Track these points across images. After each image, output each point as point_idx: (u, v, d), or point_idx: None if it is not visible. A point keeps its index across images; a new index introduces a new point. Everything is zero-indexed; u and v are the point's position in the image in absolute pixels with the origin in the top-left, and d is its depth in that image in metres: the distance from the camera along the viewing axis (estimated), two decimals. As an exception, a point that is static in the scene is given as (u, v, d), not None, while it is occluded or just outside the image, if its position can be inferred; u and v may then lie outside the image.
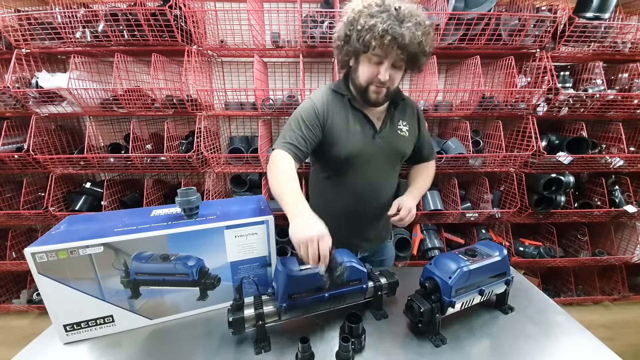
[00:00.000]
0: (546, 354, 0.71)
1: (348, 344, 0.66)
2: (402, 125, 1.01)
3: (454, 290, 0.70)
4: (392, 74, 0.86)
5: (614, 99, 1.75)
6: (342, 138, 0.94)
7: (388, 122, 0.99)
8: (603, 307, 2.25)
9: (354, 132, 0.95)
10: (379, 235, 1.15)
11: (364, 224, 1.07)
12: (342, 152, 0.94)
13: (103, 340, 0.76)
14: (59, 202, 1.83)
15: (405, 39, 0.78)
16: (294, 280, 0.70)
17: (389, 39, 0.78)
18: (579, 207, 2.00)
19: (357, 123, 0.96)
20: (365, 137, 0.96)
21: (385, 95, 0.91)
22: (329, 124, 0.94)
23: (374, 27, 0.78)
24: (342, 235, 1.05)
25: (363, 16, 0.80)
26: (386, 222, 1.13)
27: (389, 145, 0.99)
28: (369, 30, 0.79)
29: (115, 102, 1.66)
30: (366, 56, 0.85)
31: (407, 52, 0.81)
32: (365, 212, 1.05)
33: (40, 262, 0.68)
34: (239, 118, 2.09)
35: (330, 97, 0.97)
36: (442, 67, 2.03)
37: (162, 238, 0.75)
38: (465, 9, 1.58)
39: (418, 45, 0.81)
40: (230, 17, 1.58)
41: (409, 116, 1.05)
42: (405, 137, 1.02)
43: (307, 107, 0.94)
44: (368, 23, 0.79)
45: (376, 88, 0.88)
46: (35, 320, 2.08)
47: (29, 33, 1.57)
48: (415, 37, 0.79)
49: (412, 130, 1.04)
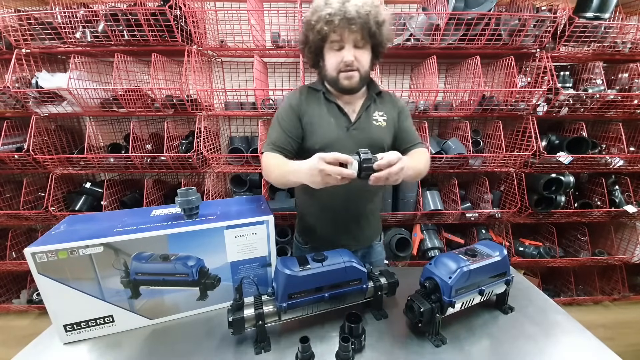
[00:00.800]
0: (546, 354, 0.71)
1: (348, 344, 0.66)
2: (378, 116, 1.01)
3: (454, 290, 0.70)
4: (357, 55, 0.88)
5: (614, 99, 1.75)
6: (316, 129, 0.96)
7: (363, 114, 0.99)
8: (603, 307, 2.25)
9: (328, 123, 0.96)
10: (366, 235, 1.13)
11: (349, 221, 1.06)
12: (317, 143, 0.95)
13: (103, 340, 0.76)
14: (59, 202, 1.83)
15: (352, 13, 0.81)
16: (294, 280, 0.70)
17: (338, 19, 0.82)
18: (579, 207, 2.00)
19: (331, 115, 0.97)
20: (339, 129, 0.97)
21: (359, 79, 0.92)
22: (304, 117, 0.97)
23: (322, 16, 0.84)
24: (329, 234, 1.07)
25: (313, 13, 0.87)
26: (374, 222, 1.14)
27: (364, 136, 0.98)
28: (318, 20, 0.85)
29: (115, 102, 1.66)
30: (328, 47, 0.90)
31: (359, 26, 0.84)
32: (348, 208, 1.04)
33: (40, 262, 0.68)
34: (239, 118, 2.10)
35: (305, 93, 1.01)
36: (442, 67, 2.03)
37: (162, 238, 0.75)
38: (465, 9, 1.58)
39: (367, 16, 0.83)
40: (230, 17, 1.58)
41: (388, 108, 1.04)
42: (382, 126, 1.00)
43: (284, 105, 1.00)
44: (317, 15, 0.85)
45: (346, 74, 0.90)
46: (35, 320, 2.08)
47: (29, 33, 1.57)
48: (363, 9, 0.82)
49: (390, 120, 1.02)
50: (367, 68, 0.93)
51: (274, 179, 0.91)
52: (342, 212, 1.04)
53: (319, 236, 1.09)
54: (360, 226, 1.09)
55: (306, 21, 0.90)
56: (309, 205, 1.09)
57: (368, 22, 0.84)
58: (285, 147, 0.95)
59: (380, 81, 1.74)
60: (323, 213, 1.06)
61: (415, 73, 2.00)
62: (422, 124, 1.79)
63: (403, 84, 2.08)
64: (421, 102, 1.76)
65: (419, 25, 1.62)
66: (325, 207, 1.05)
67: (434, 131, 2.17)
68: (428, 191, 1.95)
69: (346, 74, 0.90)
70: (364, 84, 0.97)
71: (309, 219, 1.10)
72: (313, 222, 1.09)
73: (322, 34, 0.86)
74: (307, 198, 1.08)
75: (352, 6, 0.82)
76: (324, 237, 1.07)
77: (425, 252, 1.96)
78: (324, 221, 1.07)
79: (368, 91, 1.03)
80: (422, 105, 1.76)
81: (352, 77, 0.90)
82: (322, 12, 0.84)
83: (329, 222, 1.06)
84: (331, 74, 0.92)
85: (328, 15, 0.82)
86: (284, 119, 0.97)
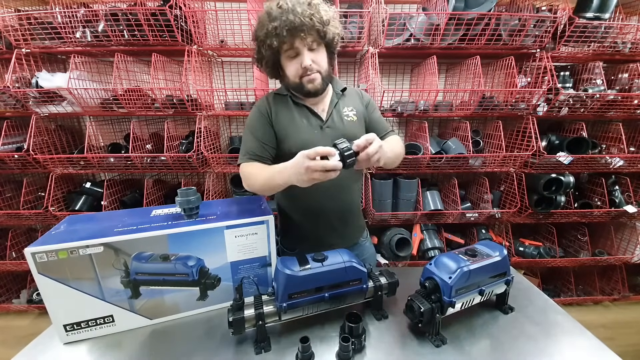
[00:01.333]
0: (546, 354, 0.71)
1: (348, 344, 0.66)
2: (348, 112, 1.02)
3: (454, 290, 0.70)
4: (314, 58, 0.89)
5: (614, 99, 1.75)
6: (290, 132, 0.97)
7: (333, 111, 1.00)
8: (603, 307, 2.25)
9: (300, 125, 0.97)
10: (351, 231, 1.13)
11: (333, 218, 1.06)
12: (292, 146, 0.96)
13: (103, 340, 0.76)
14: (59, 202, 1.83)
15: (296, 22, 0.82)
16: (294, 280, 0.70)
17: (285, 31, 0.83)
18: (579, 207, 2.00)
19: (303, 117, 0.98)
20: (312, 129, 0.98)
21: (322, 80, 0.93)
22: (275, 122, 0.98)
23: (269, 30, 0.85)
24: (314, 234, 1.07)
25: (260, 29, 0.88)
26: (357, 215, 1.15)
27: (338, 133, 0.98)
28: (267, 35, 0.86)
29: (115, 102, 1.66)
30: (284, 57, 0.91)
31: (307, 32, 0.84)
32: (330, 207, 1.04)
33: (40, 262, 0.68)
34: (239, 118, 2.09)
35: (272, 99, 1.01)
36: (442, 67, 2.03)
37: (162, 238, 0.75)
38: (465, 9, 1.58)
39: (311, 20, 0.83)
40: (230, 17, 1.58)
41: (356, 102, 1.06)
42: (354, 121, 1.02)
43: (253, 113, 1.01)
44: (264, 31, 0.86)
45: (308, 77, 0.91)
46: (35, 320, 2.08)
47: (29, 33, 1.57)
48: (304, 15, 0.82)
49: (360, 114, 1.04)
50: (325, 67, 0.94)
51: (260, 186, 0.90)
52: (325, 209, 1.04)
53: (305, 238, 1.08)
54: (345, 221, 1.09)
55: (256, 37, 0.91)
56: (292, 209, 1.08)
57: (314, 25, 0.84)
58: (262, 154, 0.96)
59: (381, 81, 1.73)
60: (307, 213, 1.05)
61: (415, 73, 2.00)
62: (422, 124, 1.79)
63: (403, 84, 2.08)
64: (421, 102, 1.76)
65: (419, 25, 1.62)
66: (308, 207, 1.04)
67: (434, 131, 2.17)
68: (428, 191, 1.96)
69: (308, 77, 0.91)
70: (327, 83, 0.98)
71: (292, 223, 1.10)
72: (297, 225, 1.08)
73: (273, 47, 0.87)
74: (289, 202, 1.08)
75: (294, 15, 0.82)
76: (310, 239, 1.07)
77: (425, 252, 1.96)
78: (308, 222, 1.06)
79: (333, 89, 1.04)
80: (422, 105, 1.76)
81: (315, 80, 0.91)
82: (269, 27, 0.84)
83: (313, 222, 1.05)
84: (294, 81, 0.93)
85: (274, 29, 0.83)
86: (256, 128, 0.98)
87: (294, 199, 1.06)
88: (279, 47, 0.87)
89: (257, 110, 1.00)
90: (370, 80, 1.67)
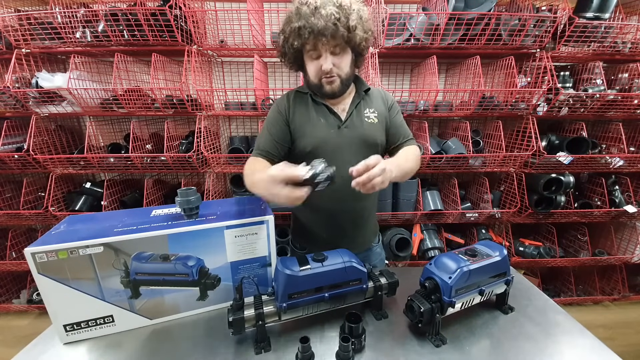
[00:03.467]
0: (546, 354, 0.71)
1: (348, 344, 0.66)
2: (369, 113, 1.01)
3: (454, 290, 0.70)
4: (335, 62, 0.89)
5: (614, 99, 1.75)
6: (307, 130, 0.97)
7: (354, 112, 0.99)
8: (603, 307, 2.25)
9: (317, 123, 0.97)
10: (363, 237, 1.12)
11: (344, 221, 1.05)
12: (308, 144, 0.96)
13: (103, 340, 0.76)
14: (59, 202, 1.83)
15: (320, 25, 0.81)
16: (294, 280, 0.70)
17: (307, 32, 0.82)
18: (579, 207, 2.00)
19: (321, 115, 0.98)
20: (329, 128, 0.97)
21: (341, 83, 0.92)
22: (292, 120, 0.98)
23: (293, 29, 0.84)
24: (326, 237, 1.06)
25: (286, 25, 0.87)
26: (370, 221, 1.13)
27: (356, 133, 0.97)
28: (291, 33, 0.86)
29: (115, 102, 1.66)
30: (306, 56, 0.91)
31: (331, 36, 0.83)
32: (343, 208, 1.03)
33: (40, 262, 0.68)
34: (239, 118, 2.10)
35: (292, 97, 1.02)
36: (442, 67, 2.03)
37: (162, 238, 0.75)
38: (465, 9, 1.58)
39: (336, 25, 0.82)
40: (230, 17, 1.58)
41: (378, 104, 1.04)
42: (374, 123, 1.00)
43: (272, 109, 1.02)
44: (289, 28, 0.86)
45: (327, 79, 0.91)
46: (35, 320, 2.08)
47: (29, 33, 1.57)
48: (329, 20, 0.81)
49: (381, 116, 1.02)
50: (347, 71, 0.93)
51: (248, 186, 0.89)
52: (336, 212, 1.03)
53: (316, 240, 1.08)
54: (357, 226, 1.08)
55: (282, 31, 0.90)
56: (303, 209, 1.06)
57: (338, 31, 0.82)
58: (272, 151, 0.97)
59: (381, 81, 1.73)
60: (317, 215, 1.05)
61: (415, 73, 2.00)
62: (422, 124, 1.79)
63: (403, 84, 2.08)
64: (421, 102, 1.76)
65: (419, 25, 1.62)
66: (319, 209, 1.03)
67: (434, 131, 2.17)
68: (428, 191, 1.96)
69: (327, 79, 0.90)
70: (347, 86, 0.97)
71: (303, 223, 1.10)
72: (308, 226, 1.08)
73: (295, 47, 0.87)
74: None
75: (319, 18, 0.80)
76: (321, 241, 1.06)
77: (425, 252, 1.96)
78: (319, 224, 1.06)
79: (356, 89, 1.03)
80: (422, 105, 1.76)
81: (334, 82, 0.91)
82: (293, 25, 0.84)
83: (324, 224, 1.05)
84: (313, 81, 0.93)
85: (298, 29, 0.83)
86: (272, 125, 0.99)
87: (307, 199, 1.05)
88: (301, 47, 0.88)
89: (276, 107, 1.01)
90: (370, 80, 1.67)
